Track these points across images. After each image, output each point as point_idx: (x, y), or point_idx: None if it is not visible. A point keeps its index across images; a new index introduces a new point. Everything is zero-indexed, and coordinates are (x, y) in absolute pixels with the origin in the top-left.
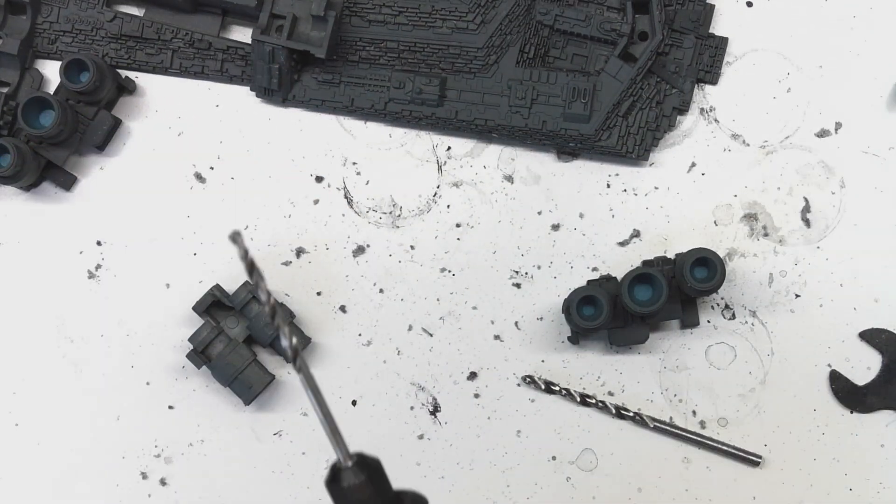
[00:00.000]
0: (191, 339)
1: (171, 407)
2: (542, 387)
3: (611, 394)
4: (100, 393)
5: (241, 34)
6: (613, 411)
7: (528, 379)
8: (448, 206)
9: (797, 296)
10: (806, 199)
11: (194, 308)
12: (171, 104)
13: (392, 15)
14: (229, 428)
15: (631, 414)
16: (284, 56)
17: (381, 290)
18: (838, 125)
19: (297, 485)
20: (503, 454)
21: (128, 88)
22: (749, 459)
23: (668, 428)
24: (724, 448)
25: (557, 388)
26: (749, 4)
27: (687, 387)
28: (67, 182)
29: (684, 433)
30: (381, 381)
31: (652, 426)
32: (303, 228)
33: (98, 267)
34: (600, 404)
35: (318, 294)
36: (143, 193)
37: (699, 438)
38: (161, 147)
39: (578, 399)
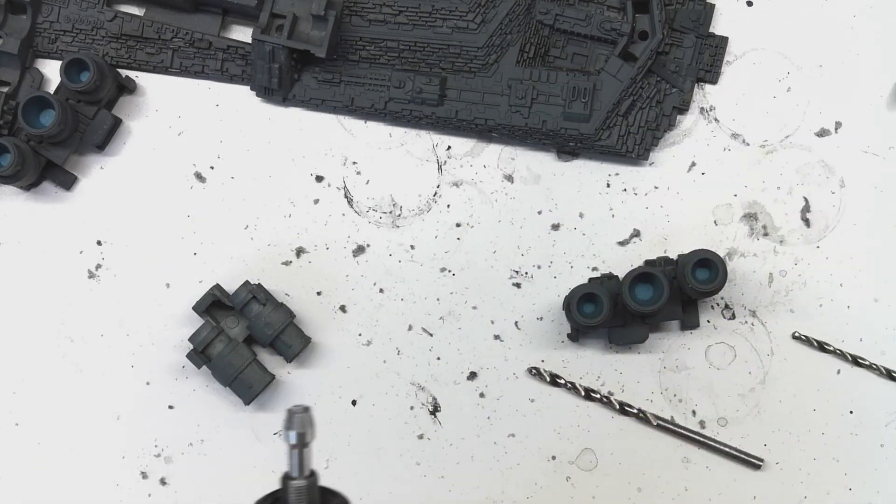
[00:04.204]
0: (191, 339)
1: (171, 407)
2: (548, 378)
3: (611, 393)
4: (100, 393)
5: (242, 34)
6: (617, 407)
7: (533, 370)
8: (448, 206)
9: (797, 296)
10: (806, 199)
11: (194, 308)
12: (172, 104)
13: (392, 14)
14: (229, 428)
15: (635, 411)
16: (285, 55)
17: (381, 290)
18: (838, 125)
19: None
20: (503, 454)
21: (128, 88)
22: (750, 462)
23: (670, 427)
24: (727, 450)
25: (563, 382)
26: (749, 4)
27: (687, 387)
28: (67, 181)
29: (687, 433)
30: (381, 381)
31: (655, 424)
32: (303, 228)
33: (98, 267)
34: (605, 399)
35: (319, 294)
36: (143, 193)
37: (702, 439)
38: (161, 147)
39: (583, 393)
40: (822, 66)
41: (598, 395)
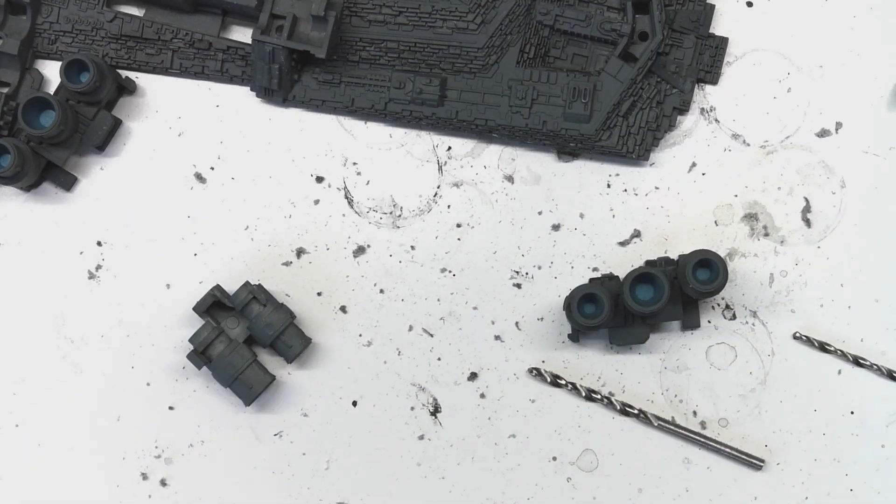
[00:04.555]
0: (191, 340)
1: (171, 407)
2: (549, 379)
3: (611, 394)
4: (100, 393)
5: (242, 34)
6: (618, 408)
7: (534, 371)
8: (448, 207)
9: (798, 296)
10: (806, 199)
11: (195, 308)
12: (172, 104)
13: (392, 15)
14: (229, 429)
15: (635, 411)
16: (284, 56)
17: (381, 291)
18: (839, 125)
19: (297, 485)
20: (504, 454)
21: (128, 89)
22: (751, 462)
23: (671, 427)
24: (728, 451)
25: (564, 382)
26: (749, 4)
27: (688, 387)
28: (68, 182)
29: (688, 433)
30: (382, 382)
31: (656, 425)
32: (303, 229)
33: (98, 267)
34: (606, 399)
35: (319, 294)
36: (143, 194)
37: (704, 440)
38: (161, 147)
39: (584, 394)
40: (823, 66)
41: (600, 396)
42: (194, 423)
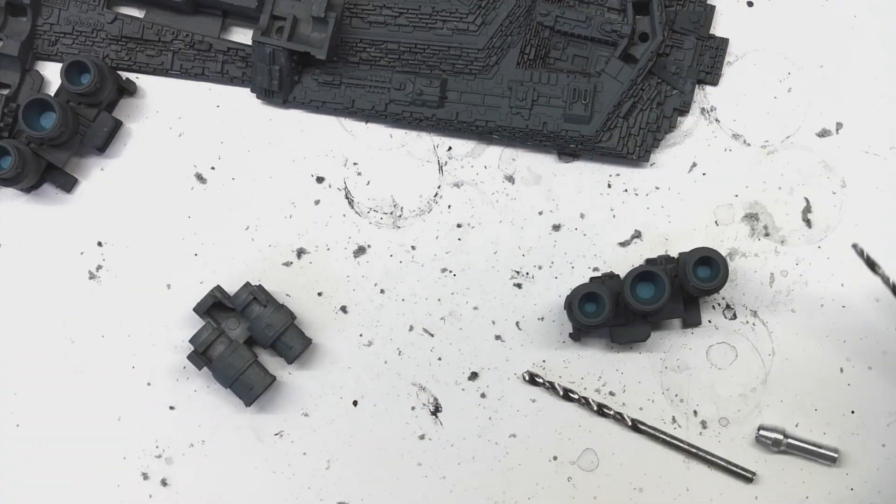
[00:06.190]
0: (191, 341)
1: (171, 408)
2: (526, 378)
3: (612, 394)
4: (101, 394)
5: (242, 36)
6: (595, 408)
7: (525, 376)
8: (449, 207)
9: (798, 296)
10: (807, 199)
11: (195, 309)
12: (172, 105)
13: (392, 16)
14: (230, 429)
15: (612, 413)
16: (285, 57)
17: (382, 291)
18: (839, 125)
19: (298, 485)
20: (504, 454)
21: (128, 90)
22: (742, 475)
23: (647, 429)
24: (720, 463)
25: (541, 381)
26: (750, 5)
27: (688, 387)
28: (68, 184)
29: (670, 439)
30: (383, 382)
31: (630, 425)
32: (304, 229)
33: (99, 268)
34: (582, 400)
35: (320, 294)
36: (143, 194)
37: (683, 445)
38: (162, 148)
39: (561, 392)
40: (823, 66)
41: (577, 396)
42: (195, 423)
